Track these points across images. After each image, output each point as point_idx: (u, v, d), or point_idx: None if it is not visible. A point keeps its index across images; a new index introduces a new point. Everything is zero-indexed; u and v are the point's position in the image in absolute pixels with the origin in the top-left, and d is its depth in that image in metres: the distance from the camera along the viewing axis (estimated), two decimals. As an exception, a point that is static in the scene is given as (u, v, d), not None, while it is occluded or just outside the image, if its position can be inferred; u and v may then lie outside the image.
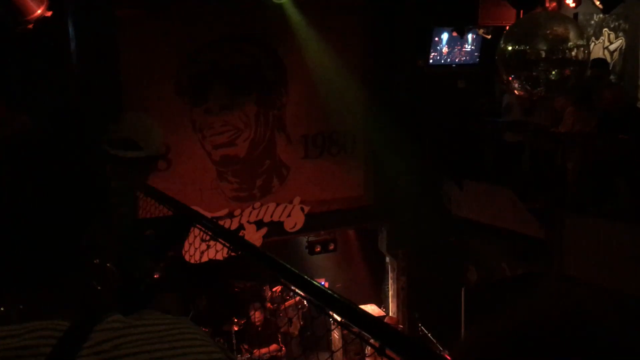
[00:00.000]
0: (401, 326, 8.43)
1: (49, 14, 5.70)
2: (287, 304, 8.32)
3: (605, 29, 7.91)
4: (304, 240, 8.71)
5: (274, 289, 8.62)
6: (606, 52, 7.87)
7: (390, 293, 9.20)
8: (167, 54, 7.34)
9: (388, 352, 1.56)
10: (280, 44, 7.83)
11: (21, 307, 0.87)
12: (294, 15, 7.51)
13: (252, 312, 8.15)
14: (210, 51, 7.53)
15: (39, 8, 5.59)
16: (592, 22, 8.03)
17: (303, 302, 8.02)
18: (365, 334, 1.65)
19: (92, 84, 6.55)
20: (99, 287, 0.96)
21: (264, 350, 7.97)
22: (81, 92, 6.50)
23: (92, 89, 6.53)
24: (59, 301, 0.89)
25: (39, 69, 6.14)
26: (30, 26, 5.66)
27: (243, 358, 7.93)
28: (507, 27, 6.54)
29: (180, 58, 7.42)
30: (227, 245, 2.93)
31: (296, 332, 8.51)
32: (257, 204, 7.97)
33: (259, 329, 8.15)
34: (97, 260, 0.98)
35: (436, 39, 8.33)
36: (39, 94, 5.94)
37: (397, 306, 9.06)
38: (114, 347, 0.82)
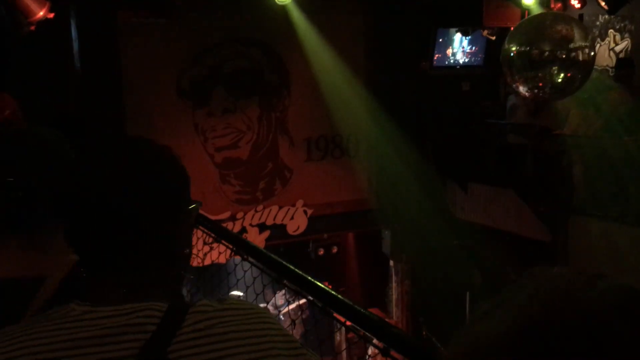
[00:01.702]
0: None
1: (51, 15, 5.68)
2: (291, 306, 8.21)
3: (611, 30, 7.86)
4: (307, 243, 8.67)
5: (276, 292, 8.57)
6: (612, 53, 7.82)
7: (394, 297, 9.14)
8: (169, 57, 7.32)
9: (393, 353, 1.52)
10: (283, 46, 7.81)
11: (124, 290, 0.98)
12: (296, 17, 7.49)
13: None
14: (212, 54, 7.52)
15: (41, 10, 5.56)
16: (598, 23, 7.99)
17: (305, 306, 7.96)
18: (369, 334, 1.61)
19: (94, 87, 6.53)
20: (184, 274, 1.11)
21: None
22: (83, 95, 6.48)
23: (94, 91, 6.52)
24: (155, 286, 1.01)
25: (41, 72, 6.13)
26: (33, 28, 5.63)
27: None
28: (512, 28, 6.50)
29: (182, 61, 7.40)
30: (231, 247, 2.89)
31: (298, 337, 8.45)
32: (260, 207, 7.94)
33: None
34: (187, 250, 1.12)
35: (440, 40, 8.28)
36: (41, 96, 5.92)
37: (401, 310, 9.01)
38: (207, 327, 0.94)
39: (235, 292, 5.95)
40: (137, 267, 1.00)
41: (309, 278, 2.10)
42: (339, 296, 1.88)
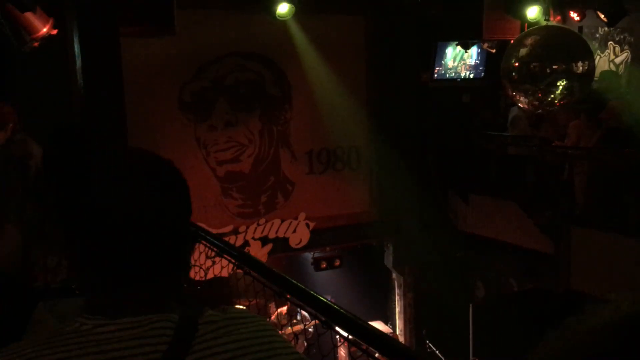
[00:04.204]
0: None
1: (54, 32, 5.72)
2: (295, 328, 8.05)
3: (611, 42, 7.91)
4: (309, 256, 8.65)
5: (279, 309, 8.50)
6: (612, 65, 7.85)
7: (397, 310, 9.11)
8: (171, 70, 7.36)
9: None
10: (284, 59, 7.85)
11: (138, 303, 0.99)
12: (297, 31, 7.54)
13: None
14: (214, 67, 7.56)
15: (44, 26, 5.61)
16: (597, 35, 8.03)
17: (308, 324, 7.91)
18: (372, 348, 1.61)
19: (96, 101, 6.56)
20: (185, 285, 1.11)
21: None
22: (85, 109, 6.51)
23: (96, 106, 6.54)
24: (164, 296, 1.01)
25: (44, 87, 6.16)
26: (36, 44, 5.67)
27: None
28: (512, 41, 6.53)
29: (185, 74, 7.44)
30: (233, 261, 2.89)
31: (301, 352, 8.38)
32: (262, 220, 7.93)
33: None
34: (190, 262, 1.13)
35: (441, 53, 8.33)
36: (44, 111, 5.95)
37: (404, 323, 8.97)
38: (219, 336, 0.97)
39: (238, 307, 5.93)
40: (153, 280, 1.00)
41: (312, 292, 2.10)
42: (341, 310, 1.89)
